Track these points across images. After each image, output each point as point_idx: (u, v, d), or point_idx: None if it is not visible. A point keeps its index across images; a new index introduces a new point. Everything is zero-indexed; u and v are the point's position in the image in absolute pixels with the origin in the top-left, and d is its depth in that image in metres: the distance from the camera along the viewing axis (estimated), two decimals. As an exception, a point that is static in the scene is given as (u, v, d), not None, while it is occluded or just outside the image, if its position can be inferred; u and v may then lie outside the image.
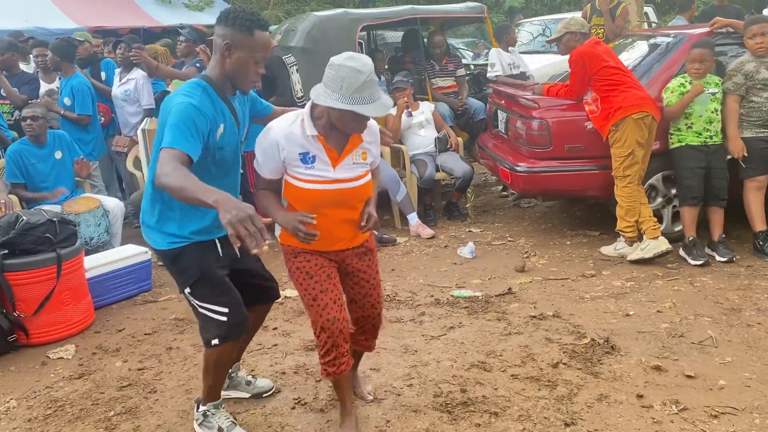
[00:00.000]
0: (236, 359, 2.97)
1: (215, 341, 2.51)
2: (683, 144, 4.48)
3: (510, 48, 6.57)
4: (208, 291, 2.50)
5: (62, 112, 5.58)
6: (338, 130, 2.40)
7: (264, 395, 2.99)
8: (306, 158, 2.41)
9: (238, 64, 2.36)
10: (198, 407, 2.74)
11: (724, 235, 4.46)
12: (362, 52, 7.21)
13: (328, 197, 2.44)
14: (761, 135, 4.42)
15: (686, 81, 4.47)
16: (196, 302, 2.52)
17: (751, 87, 4.40)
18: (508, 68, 6.40)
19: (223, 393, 2.80)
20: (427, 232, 5.39)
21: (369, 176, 2.57)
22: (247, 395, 2.99)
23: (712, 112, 4.45)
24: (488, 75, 6.53)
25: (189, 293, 2.52)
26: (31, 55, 6.34)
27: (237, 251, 2.50)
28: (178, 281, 2.55)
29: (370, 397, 2.93)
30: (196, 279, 2.49)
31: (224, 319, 2.50)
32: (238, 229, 1.87)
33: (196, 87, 2.36)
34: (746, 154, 4.40)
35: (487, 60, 9.11)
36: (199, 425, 2.73)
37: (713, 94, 4.47)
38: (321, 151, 2.42)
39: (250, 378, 3.03)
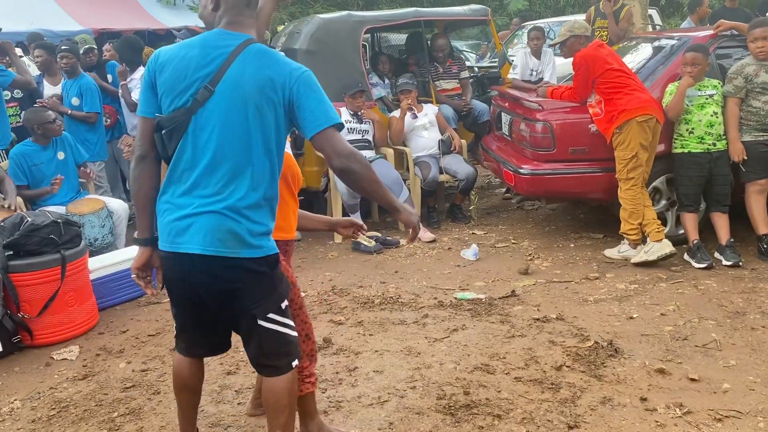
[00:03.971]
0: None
1: (296, 362, 2.22)
2: (686, 151, 4.48)
3: (545, 50, 6.51)
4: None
5: (69, 111, 5.63)
6: None
7: None
8: None
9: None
10: None
11: (732, 239, 4.45)
12: (366, 55, 7.22)
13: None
14: (761, 139, 4.42)
15: None
16: (286, 320, 2.18)
17: (751, 90, 4.40)
18: (528, 74, 6.40)
19: None
20: (427, 236, 5.38)
21: None
22: None
23: (712, 116, 4.45)
24: (508, 75, 6.56)
25: (285, 307, 2.17)
26: (24, 57, 6.39)
27: None
28: (274, 295, 2.14)
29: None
30: (288, 289, 2.24)
31: (296, 334, 2.25)
32: (416, 231, 2.25)
33: None
34: (746, 158, 4.40)
35: (491, 62, 9.13)
36: None
37: (711, 96, 4.47)
38: None
39: None
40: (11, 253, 3.69)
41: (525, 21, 11.32)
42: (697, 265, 4.38)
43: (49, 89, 5.95)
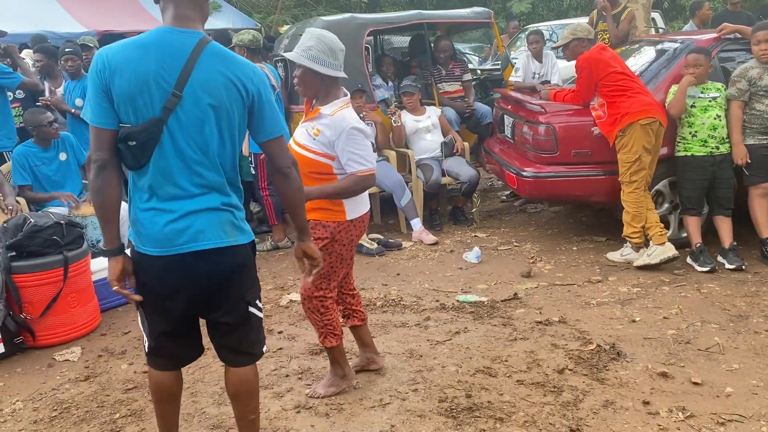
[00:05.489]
0: None
1: (265, 347, 2.38)
2: (688, 154, 4.48)
3: (546, 53, 6.51)
4: None
5: (72, 110, 5.66)
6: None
7: None
8: None
9: None
10: None
11: (735, 243, 4.44)
12: (369, 57, 7.22)
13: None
14: (764, 142, 4.41)
15: None
16: (261, 306, 2.32)
17: (754, 93, 4.40)
18: (531, 77, 6.39)
19: None
20: (429, 238, 5.38)
21: (309, 156, 2.75)
22: None
23: (715, 119, 4.44)
24: (510, 78, 6.55)
25: (259, 297, 2.31)
26: (27, 59, 6.40)
27: None
28: (257, 283, 2.30)
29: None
30: None
31: None
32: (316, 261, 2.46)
33: None
34: (749, 161, 4.40)
35: (493, 64, 9.13)
36: None
37: (714, 99, 4.46)
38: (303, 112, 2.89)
39: None
40: (14, 254, 3.69)
41: (514, 26, 11.28)
42: (699, 269, 4.38)
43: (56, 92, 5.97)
